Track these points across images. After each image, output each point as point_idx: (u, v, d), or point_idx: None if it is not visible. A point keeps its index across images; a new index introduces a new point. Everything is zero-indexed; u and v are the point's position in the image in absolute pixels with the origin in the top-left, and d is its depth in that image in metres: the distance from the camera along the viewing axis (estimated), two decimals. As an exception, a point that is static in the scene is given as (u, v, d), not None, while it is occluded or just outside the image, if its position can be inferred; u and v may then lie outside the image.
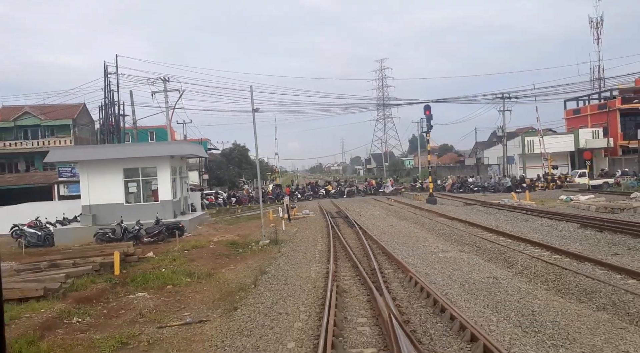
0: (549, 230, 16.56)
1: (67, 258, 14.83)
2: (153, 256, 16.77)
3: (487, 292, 9.15)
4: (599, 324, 7.11)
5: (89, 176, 22.21)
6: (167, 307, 10.72)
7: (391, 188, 44.21)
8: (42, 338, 8.70)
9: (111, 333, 9.05)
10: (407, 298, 9.03)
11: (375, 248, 14.59)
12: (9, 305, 10.67)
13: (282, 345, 7.12)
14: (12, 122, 44.32)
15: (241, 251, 17.42)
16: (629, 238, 13.64)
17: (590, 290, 8.66)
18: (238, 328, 8.34)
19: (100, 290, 12.15)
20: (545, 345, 6.44)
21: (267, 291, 10.77)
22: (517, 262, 11.44)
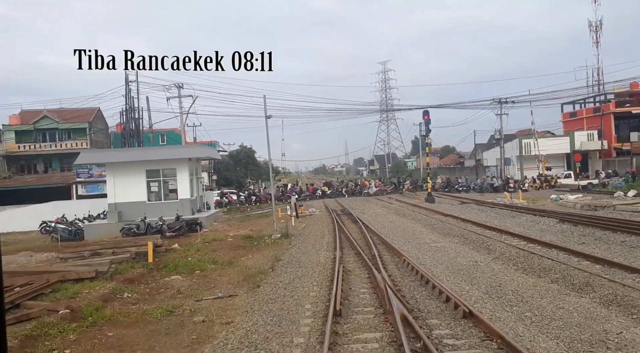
0: (531, 224, 18.55)
1: (105, 249, 16.92)
2: (178, 247, 18.82)
3: (466, 271, 11.14)
4: (548, 291, 9.10)
5: (114, 177, 24.31)
6: (199, 287, 12.74)
7: (375, 189, 46.24)
8: (103, 307, 10.75)
9: (157, 305, 11.06)
10: (400, 276, 11.05)
11: (375, 240, 16.59)
12: (67, 284, 12.75)
13: (301, 306, 9.15)
14: (31, 125, 46.57)
15: (256, 244, 19.44)
16: (598, 231, 15.61)
17: (549, 268, 10.65)
18: (263, 299, 10.34)
19: (140, 274, 14.20)
20: (503, 305, 8.43)
21: (284, 273, 12.79)
22: (495, 249, 13.43)
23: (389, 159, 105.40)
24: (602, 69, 77.86)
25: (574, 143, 52.09)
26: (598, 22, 77.37)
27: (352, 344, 6.86)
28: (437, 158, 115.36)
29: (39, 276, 13.27)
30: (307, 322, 8.14)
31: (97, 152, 31.78)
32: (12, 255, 19.27)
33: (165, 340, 8.58)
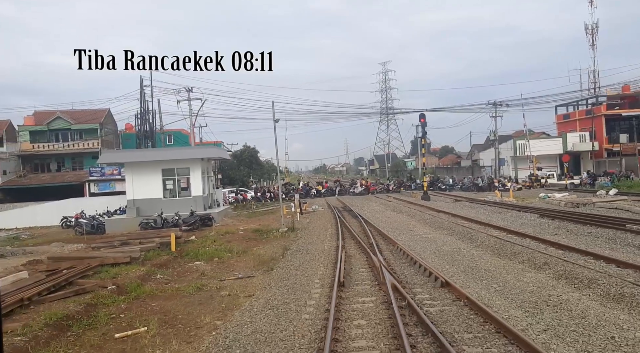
0: (514, 219, 20.53)
1: (132, 239, 18.90)
2: (195, 239, 20.81)
3: (450, 256, 13.12)
4: (513, 270, 11.07)
5: (133, 175, 26.30)
6: (220, 270, 14.70)
7: (360, 188, 48.34)
8: (142, 285, 12.71)
9: (187, 283, 13.01)
10: (393, 259, 13.03)
11: (373, 232, 18.56)
12: (105, 268, 14.72)
13: (311, 281, 11.13)
14: (45, 126, 48.56)
15: (265, 236, 21.40)
16: (571, 224, 17.59)
17: (518, 253, 12.62)
18: (278, 278, 12.31)
19: (167, 260, 16.19)
20: (475, 279, 10.40)
21: (293, 259, 14.76)
22: (477, 239, 15.41)
23: (389, 159, 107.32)
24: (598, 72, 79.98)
25: (567, 144, 54.09)
26: (594, 25, 79.41)
27: (353, 304, 8.84)
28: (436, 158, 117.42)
29: (80, 261, 15.27)
30: (317, 291, 10.12)
31: (117, 152, 33.79)
32: (46, 245, 21.29)
33: (200, 308, 10.53)
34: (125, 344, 8.29)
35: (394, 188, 48.29)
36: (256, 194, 44.48)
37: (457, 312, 8.01)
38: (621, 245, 13.31)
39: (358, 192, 47.00)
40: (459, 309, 8.18)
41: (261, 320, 8.60)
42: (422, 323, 7.32)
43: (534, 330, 6.99)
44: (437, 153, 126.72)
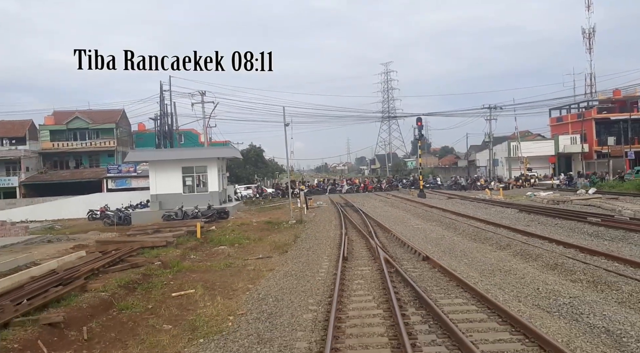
0: (496, 213, 23.26)
1: (162, 228, 21.67)
2: (215, 229, 23.58)
3: (434, 241, 15.87)
4: (483, 250, 13.81)
5: (156, 172, 29.10)
6: (242, 253, 17.45)
7: (347, 187, 51.41)
8: (181, 262, 15.47)
9: (217, 262, 15.75)
10: (387, 242, 15.79)
11: (372, 223, 21.31)
12: (146, 250, 17.47)
13: (320, 258, 13.90)
14: (64, 125, 51.39)
15: (277, 227, 24.16)
16: (543, 217, 20.33)
17: (490, 238, 15.37)
18: (292, 257, 15.06)
19: (195, 245, 18.96)
20: (451, 256, 13.13)
21: (304, 243, 17.52)
22: (460, 228, 18.16)
23: (390, 158, 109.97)
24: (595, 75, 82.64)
25: (559, 146, 56.79)
26: (591, 29, 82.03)
27: (354, 271, 11.60)
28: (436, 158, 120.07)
29: (124, 244, 18.06)
30: (325, 264, 12.89)
31: (142, 151, 36.59)
32: (83, 233, 24.10)
33: (232, 278, 13.26)
34: (181, 300, 11.02)
35: (385, 187, 51.44)
36: (276, 190, 48.62)
37: (431, 275, 10.78)
38: (577, 233, 16.04)
39: (345, 190, 50.03)
40: (433, 273, 10.95)
41: (284, 282, 11.36)
42: (404, 281, 10.07)
43: (483, 284, 9.74)
44: (437, 153, 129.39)
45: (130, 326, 9.35)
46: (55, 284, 11.41)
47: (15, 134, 50.14)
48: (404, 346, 6.28)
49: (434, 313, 7.76)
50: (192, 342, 7.96)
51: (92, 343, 8.49)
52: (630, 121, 53.57)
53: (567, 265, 10.89)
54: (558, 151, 56.34)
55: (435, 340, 6.75)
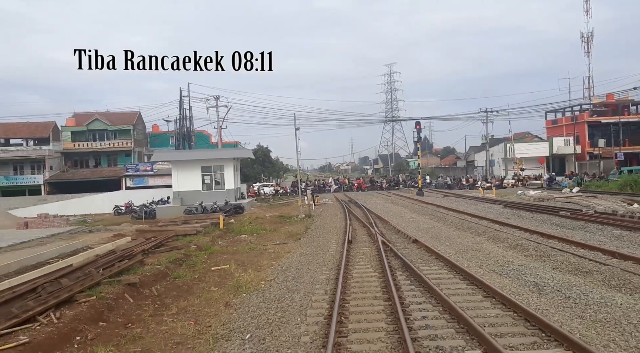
0: (484, 208, 26.15)
1: (189, 220, 24.66)
2: (234, 222, 26.55)
3: (425, 229, 18.79)
4: (463, 236, 16.72)
5: (178, 171, 32.10)
6: (261, 240, 20.39)
7: (335, 186, 54.66)
8: (212, 246, 18.43)
9: (241, 247, 18.70)
10: (385, 230, 18.73)
11: (373, 216, 24.24)
12: (179, 237, 20.44)
13: (329, 242, 16.85)
14: (84, 127, 54.55)
15: (288, 220, 27.11)
16: (523, 212, 23.21)
17: (471, 227, 18.27)
18: (306, 242, 17.99)
19: (220, 234, 21.92)
20: (436, 240, 16.04)
21: (314, 232, 20.46)
22: (448, 220, 21.07)
23: (392, 158, 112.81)
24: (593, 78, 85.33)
25: (553, 147, 59.57)
26: (589, 34, 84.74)
27: (357, 250, 14.55)
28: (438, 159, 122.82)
29: (159, 232, 21.04)
30: (334, 246, 15.84)
31: (166, 152, 39.68)
32: (118, 225, 27.11)
33: (257, 258, 16.19)
34: (219, 272, 13.95)
35: (386, 186, 54.76)
36: (294, 188, 52.45)
37: (417, 252, 13.72)
38: (546, 224, 18.92)
39: (333, 190, 53.37)
40: (419, 251, 13.89)
41: (301, 259, 14.30)
42: (396, 255, 13.01)
43: (456, 257, 12.66)
44: (439, 153, 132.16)
45: (185, 288, 12.31)
46: (119, 259, 14.39)
47: (40, 135, 53.35)
48: (391, 291, 9.20)
49: (414, 274, 10.69)
50: (237, 296, 10.87)
51: (162, 297, 11.44)
52: (622, 124, 56.33)
53: (524, 245, 13.81)
54: (552, 153, 59.09)
55: (413, 289, 9.69)
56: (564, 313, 7.74)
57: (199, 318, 9.39)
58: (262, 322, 8.43)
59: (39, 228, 25.69)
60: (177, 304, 10.57)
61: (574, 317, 7.57)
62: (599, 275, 10.00)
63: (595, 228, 16.82)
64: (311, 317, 8.32)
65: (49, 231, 24.27)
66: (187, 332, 8.60)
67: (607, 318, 7.40)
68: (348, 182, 59.02)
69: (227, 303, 10.28)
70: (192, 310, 10.07)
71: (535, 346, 6.38)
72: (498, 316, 7.70)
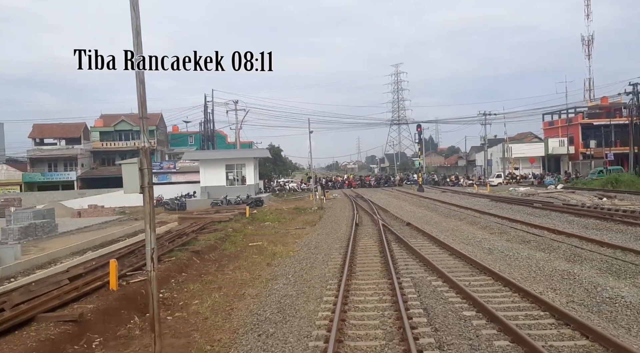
0: (475, 202, 30.14)
1: (220, 210, 28.83)
2: (256, 212, 30.71)
3: (418, 218, 22.83)
4: (448, 221, 20.75)
5: (205, 169, 36.31)
6: (283, 226, 24.50)
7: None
8: (244, 229, 22.58)
9: (267, 231, 22.83)
10: (386, 218, 22.81)
11: (376, 208, 28.31)
12: (215, 222, 24.61)
13: (339, 226, 20.97)
14: (112, 127, 59.01)
15: (303, 212, 31.21)
16: (505, 205, 27.18)
17: (456, 215, 22.30)
18: (321, 227, 22.09)
19: (247, 221, 26.08)
20: (426, 224, 20.08)
21: (327, 220, 24.55)
22: (439, 210, 25.11)
23: (398, 157, 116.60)
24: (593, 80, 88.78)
25: (548, 147, 63.22)
26: (590, 37, 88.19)
27: (362, 230, 18.65)
28: (443, 158, 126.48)
29: (199, 219, 25.22)
30: (344, 228, 19.96)
31: (195, 152, 44.09)
32: (158, 215, 31.36)
33: (282, 238, 20.28)
34: (256, 247, 18.04)
35: (374, 184, 59.45)
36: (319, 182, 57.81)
37: (409, 231, 17.80)
38: (520, 213, 22.88)
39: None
40: (411, 230, 17.97)
41: (319, 238, 18.40)
42: (392, 233, 17.07)
43: (438, 234, 16.70)
44: (443, 152, 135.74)
45: (233, 256, 16.42)
46: (178, 237, 18.57)
47: (72, 135, 57.91)
48: (385, 252, 13.26)
49: (404, 243, 14.77)
50: (275, 260, 14.94)
51: (219, 260, 15.56)
52: (614, 126, 59.87)
53: (492, 226, 17.87)
54: (547, 153, 62.76)
55: (401, 251, 13.77)
56: (499, 262, 11.79)
57: (251, 272, 13.48)
58: (297, 270, 12.55)
59: (91, 217, 29.98)
60: (232, 264, 14.70)
61: (504, 264, 11.63)
62: (535, 243, 14.04)
63: (555, 215, 20.80)
64: (331, 266, 12.44)
65: (100, 219, 28.55)
66: (245, 278, 12.70)
67: (524, 264, 11.44)
68: (341, 180, 63.83)
69: (268, 264, 14.37)
70: (244, 268, 14.17)
71: (469, 275, 10.45)
72: (455, 264, 11.77)
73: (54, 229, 21.45)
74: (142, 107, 6.09)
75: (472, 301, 8.26)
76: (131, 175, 6.16)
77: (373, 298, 8.98)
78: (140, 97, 6.03)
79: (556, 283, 9.65)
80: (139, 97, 6.04)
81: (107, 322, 9.33)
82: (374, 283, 10.20)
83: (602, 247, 12.73)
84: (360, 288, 9.83)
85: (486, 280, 10.03)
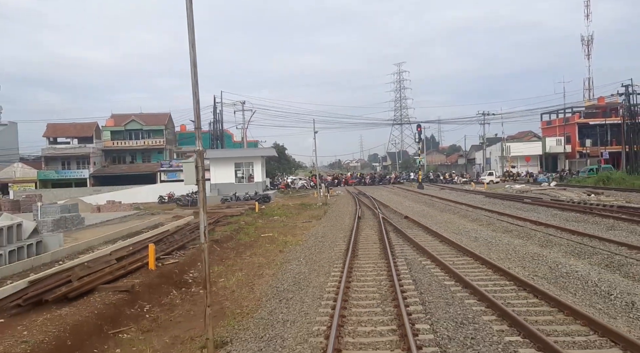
0: (470, 198, 31.99)
1: (231, 206, 30.75)
2: (265, 208, 32.63)
3: (416, 212, 24.70)
4: (443, 215, 22.63)
5: (215, 167, 38.24)
6: (290, 220, 26.41)
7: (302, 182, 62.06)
8: (255, 223, 24.49)
9: (277, 224, 24.74)
10: (386, 212, 24.70)
11: (377, 203, 30.19)
12: (228, 216, 26.54)
13: (343, 220, 22.88)
14: (122, 126, 61.02)
15: (308, 207, 33.11)
16: (498, 200, 29.02)
17: (452, 210, 24.17)
18: (326, 220, 23.99)
19: (257, 216, 28.00)
20: (422, 218, 21.96)
21: (331, 215, 26.45)
22: (436, 205, 26.98)
23: (400, 156, 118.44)
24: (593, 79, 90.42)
25: (545, 146, 64.97)
26: (590, 37, 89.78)
27: (364, 223, 20.55)
28: (444, 156, 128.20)
29: (212, 214, 27.14)
30: (348, 221, 21.86)
31: (205, 151, 46.11)
32: (171, 210, 33.32)
33: (291, 230, 22.18)
34: (267, 238, 19.96)
35: (369, 182, 61.65)
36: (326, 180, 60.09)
37: (406, 223, 19.68)
38: (510, 208, 24.72)
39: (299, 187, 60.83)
40: (408, 222, 19.86)
41: (324, 229, 20.30)
42: (391, 225, 18.95)
43: (432, 225, 18.58)
44: (445, 151, 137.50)
45: (248, 245, 18.34)
46: (197, 228, 20.48)
47: (85, 134, 59.97)
48: (384, 240, 15.15)
49: (401, 234, 16.66)
50: (286, 248, 16.83)
51: (236, 248, 17.49)
52: (609, 126, 61.58)
53: (481, 219, 19.74)
54: (545, 151, 64.52)
55: (398, 239, 15.67)
56: (481, 248, 13.67)
57: (266, 257, 15.37)
58: (307, 254, 14.45)
59: (109, 211, 31.95)
60: (248, 251, 16.61)
61: (485, 248, 13.51)
62: (516, 232, 15.93)
63: (541, 209, 22.66)
64: (336, 250, 14.35)
65: (119, 214, 30.52)
66: (261, 262, 14.59)
67: (502, 249, 13.33)
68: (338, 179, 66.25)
69: (281, 251, 16.27)
70: (259, 254, 16.06)
71: (454, 257, 12.35)
72: (443, 249, 13.67)
73: (81, 222, 23.39)
74: (197, 119, 7.93)
75: (452, 274, 10.15)
76: (190, 171, 8.01)
77: (372, 273, 10.89)
78: (195, 111, 7.87)
79: (526, 263, 11.53)
80: (195, 111, 7.87)
81: (152, 293, 11.25)
82: (373, 262, 12.11)
83: (573, 235, 14.60)
84: (361, 266, 11.73)
85: (468, 260, 11.92)
